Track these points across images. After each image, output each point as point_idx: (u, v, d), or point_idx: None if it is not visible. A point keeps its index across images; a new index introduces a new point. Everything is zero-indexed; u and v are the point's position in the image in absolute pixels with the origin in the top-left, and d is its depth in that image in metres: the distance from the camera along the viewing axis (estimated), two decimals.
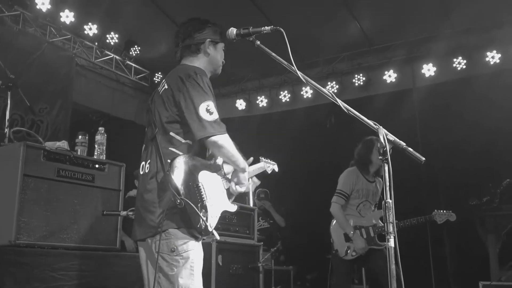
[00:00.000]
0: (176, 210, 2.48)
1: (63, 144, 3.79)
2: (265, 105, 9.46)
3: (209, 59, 2.90)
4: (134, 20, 8.14)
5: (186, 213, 2.46)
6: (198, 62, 2.88)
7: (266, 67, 8.90)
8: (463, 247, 7.40)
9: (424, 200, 7.29)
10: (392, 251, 2.04)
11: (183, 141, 2.66)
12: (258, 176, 3.32)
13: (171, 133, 2.66)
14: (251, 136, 9.26)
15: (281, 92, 9.29)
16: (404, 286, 2.10)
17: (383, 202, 2.15)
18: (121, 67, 8.86)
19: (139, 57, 8.76)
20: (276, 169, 3.53)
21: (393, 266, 2.05)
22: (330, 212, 5.16)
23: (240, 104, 9.62)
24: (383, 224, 4.93)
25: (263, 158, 3.45)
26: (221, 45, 2.95)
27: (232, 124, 9.73)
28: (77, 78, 8.16)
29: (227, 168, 2.87)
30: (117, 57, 8.66)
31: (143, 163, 2.80)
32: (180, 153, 2.60)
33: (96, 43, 8.32)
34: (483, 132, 7.07)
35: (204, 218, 2.50)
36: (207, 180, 2.62)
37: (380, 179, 5.29)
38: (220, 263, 4.87)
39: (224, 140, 2.61)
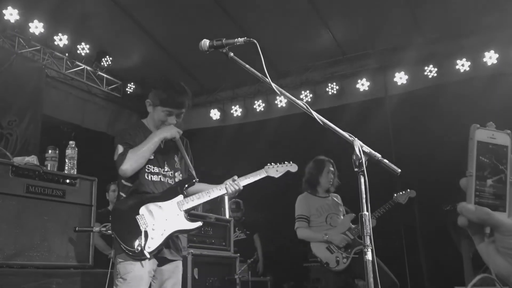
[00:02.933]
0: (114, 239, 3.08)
1: (32, 159, 3.69)
2: (239, 114, 9.42)
3: (151, 116, 3.36)
4: (105, 30, 8.03)
5: (118, 242, 3.01)
6: (148, 116, 3.40)
7: (240, 76, 8.88)
8: (437, 253, 7.47)
9: (397, 207, 7.35)
10: (370, 264, 2.01)
11: (125, 183, 3.22)
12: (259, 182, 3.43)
13: (122, 180, 3.25)
14: (226, 145, 9.22)
15: (256, 102, 9.27)
16: None
17: (359, 215, 2.13)
18: (93, 78, 8.71)
19: (110, 67, 8.64)
20: (293, 170, 3.59)
21: (371, 279, 2.03)
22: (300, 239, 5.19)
23: (215, 114, 9.56)
24: (355, 226, 5.01)
25: (270, 164, 3.51)
26: (159, 109, 3.27)
27: (207, 134, 9.70)
28: (47, 89, 7.99)
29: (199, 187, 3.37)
30: (88, 68, 8.52)
31: None
32: (123, 195, 3.23)
33: (67, 54, 8.17)
34: (456, 137, 7.13)
35: (140, 243, 2.97)
36: (151, 210, 3.11)
37: (334, 193, 5.44)
38: (196, 276, 4.80)
39: (123, 156, 3.13)
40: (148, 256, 2.97)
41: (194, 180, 3.36)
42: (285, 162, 3.57)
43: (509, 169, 0.90)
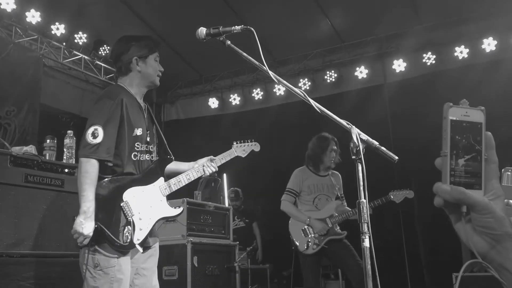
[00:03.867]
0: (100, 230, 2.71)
1: (31, 149, 3.69)
2: (238, 103, 9.42)
3: (141, 75, 3.07)
4: (102, 19, 7.99)
5: (105, 234, 2.71)
6: (129, 80, 3.07)
7: (238, 65, 8.87)
8: (436, 241, 7.49)
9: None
10: (368, 251, 2.02)
11: (108, 164, 2.85)
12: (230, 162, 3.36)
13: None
14: (225, 134, 9.21)
15: (254, 90, 9.26)
16: (380, 282, 2.08)
17: (356, 202, 2.13)
18: (90, 67, 8.69)
19: (108, 56, 8.60)
20: (257, 149, 3.53)
21: (369, 266, 2.03)
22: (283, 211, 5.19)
23: (213, 103, 9.55)
24: (338, 214, 4.99)
25: (235, 143, 3.45)
26: (152, 57, 3.08)
27: (205, 122, 9.70)
28: (45, 79, 7.96)
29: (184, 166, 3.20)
30: (86, 57, 8.49)
31: None
32: (103, 176, 2.81)
33: (64, 43, 8.13)
34: None
35: (128, 234, 2.75)
36: (135, 196, 2.87)
37: (335, 172, 5.33)
38: (196, 264, 4.83)
39: (83, 163, 2.75)
40: (141, 250, 2.80)
41: (172, 159, 3.18)
42: (248, 141, 3.48)
43: (483, 146, 0.90)
